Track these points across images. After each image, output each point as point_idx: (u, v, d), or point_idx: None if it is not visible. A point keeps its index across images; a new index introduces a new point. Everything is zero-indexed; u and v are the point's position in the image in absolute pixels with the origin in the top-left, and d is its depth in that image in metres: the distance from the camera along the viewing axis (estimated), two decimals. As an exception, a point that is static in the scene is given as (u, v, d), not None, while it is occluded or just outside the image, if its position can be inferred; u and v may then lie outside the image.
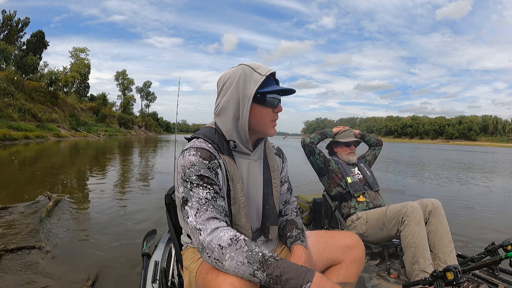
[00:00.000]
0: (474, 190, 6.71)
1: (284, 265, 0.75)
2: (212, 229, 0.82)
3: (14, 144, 17.17)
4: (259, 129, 1.00)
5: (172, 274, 1.42)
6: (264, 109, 0.98)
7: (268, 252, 0.78)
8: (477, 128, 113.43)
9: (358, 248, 1.06)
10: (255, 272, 0.76)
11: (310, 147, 2.19)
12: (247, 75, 0.95)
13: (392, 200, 4.96)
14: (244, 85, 0.94)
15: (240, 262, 0.77)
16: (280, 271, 0.74)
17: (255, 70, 0.95)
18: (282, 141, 41.34)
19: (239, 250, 0.78)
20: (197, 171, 0.88)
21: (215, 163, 0.92)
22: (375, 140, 2.43)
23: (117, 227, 3.19)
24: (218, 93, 1.01)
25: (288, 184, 1.21)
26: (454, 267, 1.14)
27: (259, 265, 0.76)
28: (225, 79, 0.99)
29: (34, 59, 35.63)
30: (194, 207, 0.86)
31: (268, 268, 0.75)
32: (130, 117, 59.55)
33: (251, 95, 0.93)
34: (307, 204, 2.45)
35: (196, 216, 0.85)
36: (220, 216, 0.86)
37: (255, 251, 0.78)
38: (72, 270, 2.14)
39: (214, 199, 0.88)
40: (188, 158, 0.90)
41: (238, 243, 0.79)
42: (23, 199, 4.10)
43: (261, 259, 0.76)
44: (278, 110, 1.00)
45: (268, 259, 0.76)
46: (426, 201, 1.76)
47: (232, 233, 0.82)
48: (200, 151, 0.92)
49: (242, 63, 0.99)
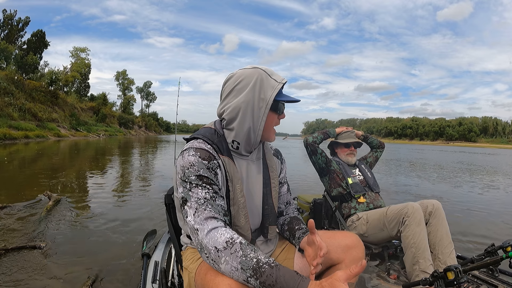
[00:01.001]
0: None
1: (278, 274, 0.73)
2: (209, 229, 0.82)
3: (14, 143, 17.17)
4: (263, 134, 1.00)
5: (172, 274, 1.42)
6: (272, 115, 0.99)
7: (264, 258, 0.77)
8: (477, 130, 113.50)
9: (358, 248, 1.06)
10: (248, 279, 0.75)
11: (313, 146, 2.19)
12: (263, 80, 0.95)
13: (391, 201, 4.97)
14: (261, 89, 0.94)
15: (234, 267, 0.77)
16: (272, 280, 0.72)
17: (270, 76, 0.96)
18: (283, 142, 41.33)
19: (234, 254, 0.78)
20: (196, 171, 0.89)
21: (214, 163, 0.92)
22: (377, 142, 2.42)
23: (117, 227, 3.19)
24: (228, 92, 0.98)
25: (287, 185, 1.22)
26: (455, 267, 1.14)
27: (252, 272, 0.75)
28: (238, 80, 0.97)
29: (35, 58, 35.62)
30: (193, 207, 0.86)
31: (261, 276, 0.74)
32: (130, 117, 59.59)
33: (270, 100, 0.94)
34: (307, 204, 2.45)
35: (194, 216, 0.85)
36: (219, 216, 0.86)
37: (249, 256, 0.77)
38: (72, 270, 2.14)
39: (213, 199, 0.88)
40: (187, 159, 0.90)
41: (233, 246, 0.79)
42: (23, 199, 4.09)
43: (255, 265, 0.75)
44: (282, 117, 1.03)
45: (262, 266, 0.75)
46: (426, 202, 1.77)
47: (228, 235, 0.81)
48: (199, 151, 0.92)
49: (257, 67, 0.98)
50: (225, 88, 1.00)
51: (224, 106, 0.99)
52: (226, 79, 1.01)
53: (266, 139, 1.04)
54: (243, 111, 0.95)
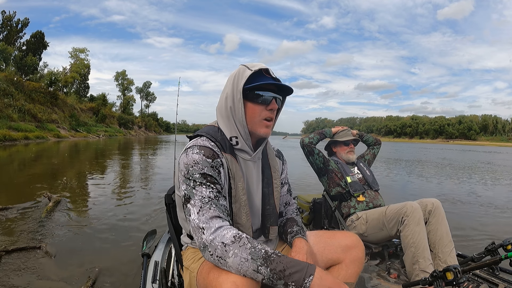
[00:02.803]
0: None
1: (287, 261, 0.77)
2: (215, 228, 0.83)
3: (14, 144, 17.15)
4: (250, 127, 0.99)
5: (172, 274, 1.42)
6: (255, 107, 0.97)
7: (271, 249, 0.80)
8: (477, 128, 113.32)
9: (358, 248, 1.06)
10: (258, 268, 0.77)
11: (309, 147, 2.18)
12: (241, 72, 0.98)
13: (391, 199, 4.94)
14: (238, 80, 0.97)
15: (244, 258, 0.78)
16: (283, 266, 0.76)
17: (248, 68, 0.98)
18: (282, 141, 41.31)
19: (243, 247, 0.79)
20: (200, 169, 0.89)
21: (218, 161, 0.93)
22: (373, 140, 2.44)
23: (117, 227, 3.19)
24: (221, 92, 1.04)
25: (288, 186, 1.22)
26: (454, 267, 1.14)
27: (262, 261, 0.77)
28: (227, 79, 1.03)
29: (34, 59, 35.57)
30: (197, 205, 0.86)
31: (271, 263, 0.76)
32: (130, 118, 59.48)
33: (239, 89, 0.96)
34: (307, 204, 2.45)
35: (199, 215, 0.85)
36: (223, 215, 0.87)
37: (258, 248, 0.80)
38: (72, 271, 2.14)
39: (217, 198, 0.88)
40: (191, 156, 0.90)
41: (241, 240, 0.81)
42: (23, 200, 4.09)
43: (264, 255, 0.78)
44: (271, 108, 0.98)
45: (271, 255, 0.78)
46: (426, 201, 1.77)
47: (235, 231, 0.83)
48: (203, 149, 0.92)
49: (243, 64, 1.01)
50: None
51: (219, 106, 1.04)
52: None
53: (255, 131, 0.99)
54: (226, 106, 0.99)
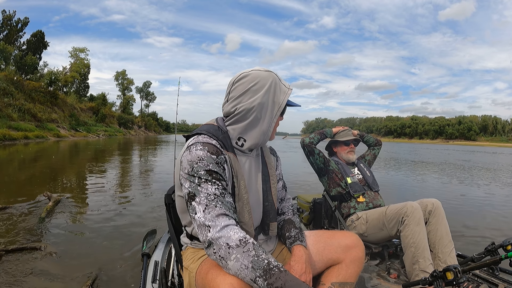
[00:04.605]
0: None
1: (286, 278, 0.74)
2: (222, 226, 0.82)
3: (14, 144, 17.14)
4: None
5: (172, 274, 1.42)
6: (279, 118, 1.03)
7: (274, 261, 0.78)
8: (476, 128, 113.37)
9: (358, 248, 1.06)
10: (256, 278, 0.75)
11: (310, 147, 2.18)
12: (277, 84, 0.99)
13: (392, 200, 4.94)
14: (275, 93, 0.98)
15: (244, 265, 0.77)
16: (281, 283, 0.73)
17: (281, 80, 1.01)
18: (282, 141, 41.31)
19: (246, 253, 0.78)
20: (205, 166, 0.88)
21: (222, 158, 0.92)
22: (374, 140, 2.44)
23: (117, 227, 3.19)
24: (243, 92, 0.96)
25: (282, 181, 1.22)
26: (454, 267, 1.14)
27: (262, 272, 0.75)
28: (254, 81, 0.96)
29: (34, 59, 35.57)
30: (203, 203, 0.85)
31: (271, 277, 0.74)
32: (129, 117, 59.50)
33: (282, 104, 0.98)
34: (307, 204, 2.45)
35: (204, 212, 0.84)
36: (230, 213, 0.86)
37: (261, 257, 0.77)
38: (72, 270, 2.14)
39: (223, 195, 0.87)
40: (195, 153, 0.89)
41: (246, 245, 0.79)
42: (23, 199, 4.09)
43: (266, 266, 0.76)
44: (282, 119, 1.07)
45: (272, 268, 0.75)
46: (426, 201, 1.77)
47: (242, 234, 0.82)
48: (207, 146, 0.91)
49: (269, 70, 1.01)
50: (238, 87, 0.97)
51: (237, 104, 0.97)
52: (237, 78, 0.98)
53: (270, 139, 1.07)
54: (257, 112, 0.96)
